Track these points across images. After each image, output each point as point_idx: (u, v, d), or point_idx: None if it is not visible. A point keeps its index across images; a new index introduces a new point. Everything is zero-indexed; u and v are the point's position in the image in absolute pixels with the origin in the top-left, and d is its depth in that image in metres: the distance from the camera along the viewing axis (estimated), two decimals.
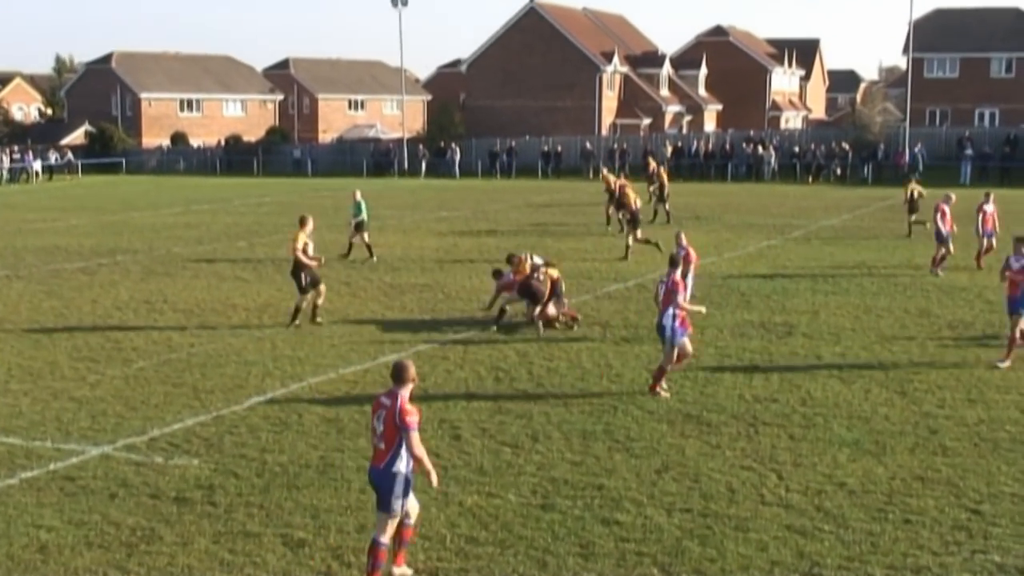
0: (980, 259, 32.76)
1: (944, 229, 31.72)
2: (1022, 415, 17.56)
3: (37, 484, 14.64)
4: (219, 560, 12.22)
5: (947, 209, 32.13)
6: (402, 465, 11.21)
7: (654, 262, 34.21)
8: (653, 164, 49.74)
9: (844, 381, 19.71)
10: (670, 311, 18.62)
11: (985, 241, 32.86)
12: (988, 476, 14.71)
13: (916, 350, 22.16)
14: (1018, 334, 21.09)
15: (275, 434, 16.85)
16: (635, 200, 37.16)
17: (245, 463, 15.46)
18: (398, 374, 11.35)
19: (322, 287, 25.42)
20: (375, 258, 34.93)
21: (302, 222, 25.20)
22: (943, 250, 31.92)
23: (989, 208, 32.88)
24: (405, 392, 11.28)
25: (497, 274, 25.36)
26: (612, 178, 43.16)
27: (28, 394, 19.20)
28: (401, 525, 11.54)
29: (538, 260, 25.59)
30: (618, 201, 39.35)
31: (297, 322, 24.86)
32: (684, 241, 23.29)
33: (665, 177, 46.72)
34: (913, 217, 40.30)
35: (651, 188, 47.46)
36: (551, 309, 24.41)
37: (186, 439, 16.59)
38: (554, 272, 24.96)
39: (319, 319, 25.17)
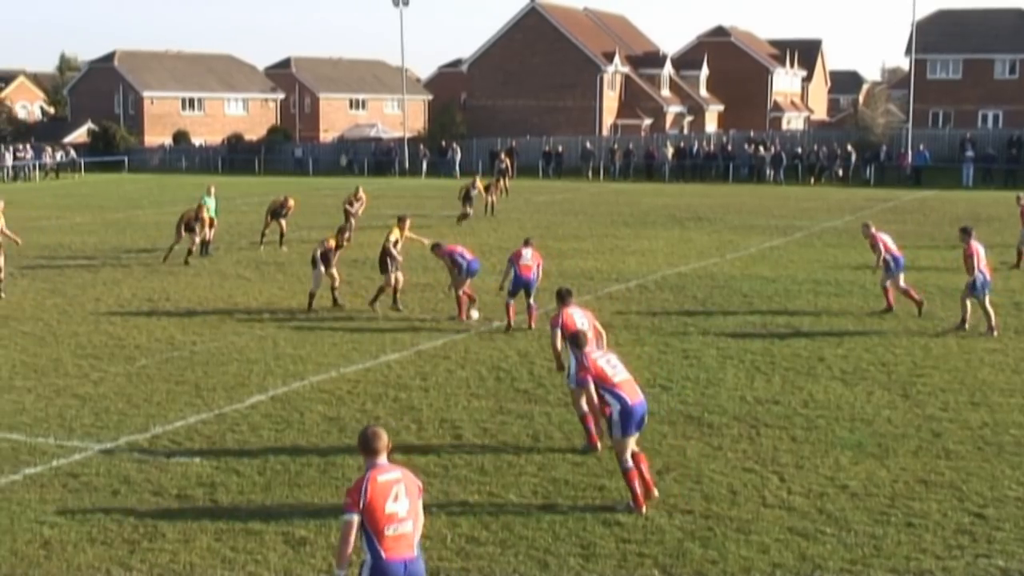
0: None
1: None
2: None
3: (40, 481, 14.65)
4: (221, 557, 12.23)
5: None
6: None
7: (655, 263, 34.22)
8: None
9: (847, 383, 19.69)
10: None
11: None
12: (992, 480, 14.69)
13: (919, 352, 22.14)
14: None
15: (277, 432, 16.85)
16: None
17: (247, 461, 15.46)
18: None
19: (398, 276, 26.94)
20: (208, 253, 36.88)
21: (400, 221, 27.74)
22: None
23: None
24: None
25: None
26: None
27: (32, 391, 19.20)
28: None
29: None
30: None
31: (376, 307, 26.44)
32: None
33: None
34: (468, 209, 47.63)
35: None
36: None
37: (188, 437, 16.60)
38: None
39: (400, 306, 26.72)
